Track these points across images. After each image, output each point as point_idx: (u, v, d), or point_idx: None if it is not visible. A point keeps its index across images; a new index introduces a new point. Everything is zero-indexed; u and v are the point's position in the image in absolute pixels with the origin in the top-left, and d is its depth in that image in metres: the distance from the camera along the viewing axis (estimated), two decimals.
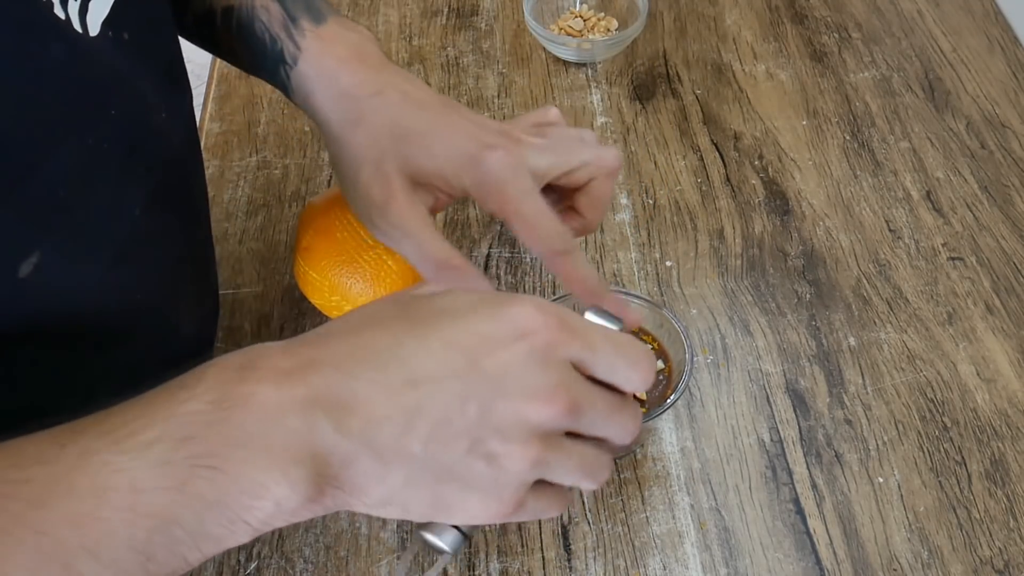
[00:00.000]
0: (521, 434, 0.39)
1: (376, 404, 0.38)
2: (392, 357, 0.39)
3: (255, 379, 0.38)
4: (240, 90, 0.89)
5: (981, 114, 0.85)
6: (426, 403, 0.38)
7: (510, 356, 0.39)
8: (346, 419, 0.38)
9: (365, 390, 0.38)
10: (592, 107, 0.87)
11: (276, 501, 0.37)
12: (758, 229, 0.77)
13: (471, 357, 0.39)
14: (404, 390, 0.38)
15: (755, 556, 0.59)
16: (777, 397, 0.67)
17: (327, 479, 0.38)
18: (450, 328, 0.40)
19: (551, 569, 0.59)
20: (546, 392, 0.39)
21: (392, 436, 0.38)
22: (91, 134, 0.45)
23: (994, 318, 0.71)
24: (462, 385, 0.39)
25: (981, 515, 0.61)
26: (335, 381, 0.38)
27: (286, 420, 0.37)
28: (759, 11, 0.96)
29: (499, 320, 0.40)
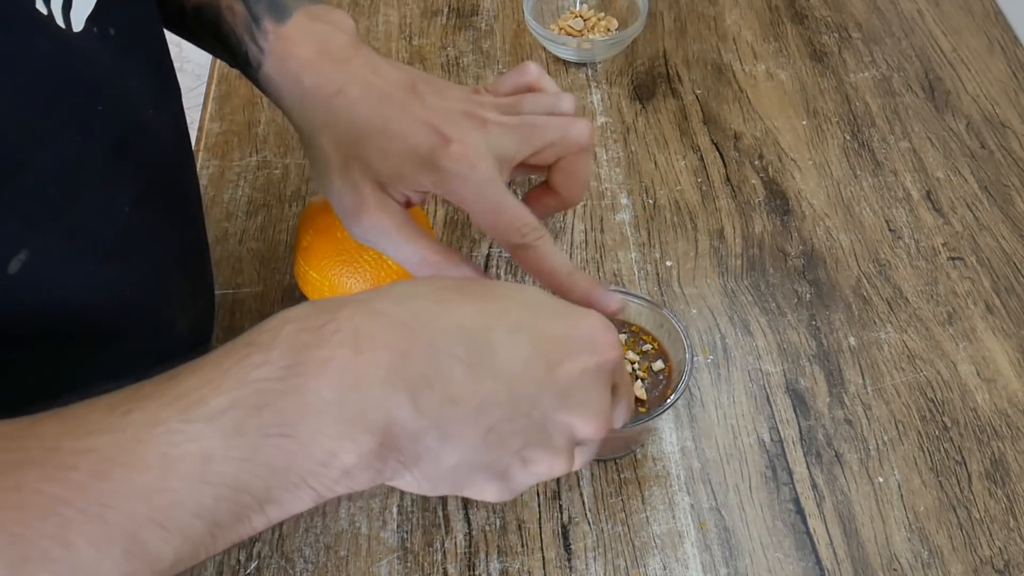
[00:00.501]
0: (563, 445, 0.41)
1: (457, 385, 0.38)
2: (484, 342, 0.39)
3: (336, 342, 0.37)
4: (240, 90, 0.89)
5: (981, 114, 0.85)
6: (503, 397, 0.39)
7: (580, 370, 0.41)
8: (424, 394, 0.37)
9: (450, 368, 0.38)
10: (592, 107, 0.87)
11: (344, 469, 0.37)
12: (758, 229, 0.77)
13: (550, 363, 0.40)
14: (487, 379, 0.39)
15: (755, 556, 0.59)
16: (777, 397, 0.67)
17: (393, 451, 0.38)
18: (535, 327, 0.41)
19: (551, 569, 0.59)
20: (599, 413, 0.42)
21: (462, 420, 0.38)
22: (79, 131, 0.45)
23: (994, 318, 0.71)
24: (537, 389, 0.40)
25: (981, 515, 0.61)
26: (422, 353, 0.38)
27: (365, 389, 0.37)
28: (759, 11, 0.96)
29: (577, 331, 0.42)
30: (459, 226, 0.77)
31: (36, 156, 0.43)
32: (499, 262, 0.75)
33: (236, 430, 0.35)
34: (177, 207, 0.59)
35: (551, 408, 0.40)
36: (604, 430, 0.42)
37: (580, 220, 0.78)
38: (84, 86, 0.45)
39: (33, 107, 0.42)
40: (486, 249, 0.76)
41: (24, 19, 0.41)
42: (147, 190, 0.52)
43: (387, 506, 0.62)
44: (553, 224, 0.77)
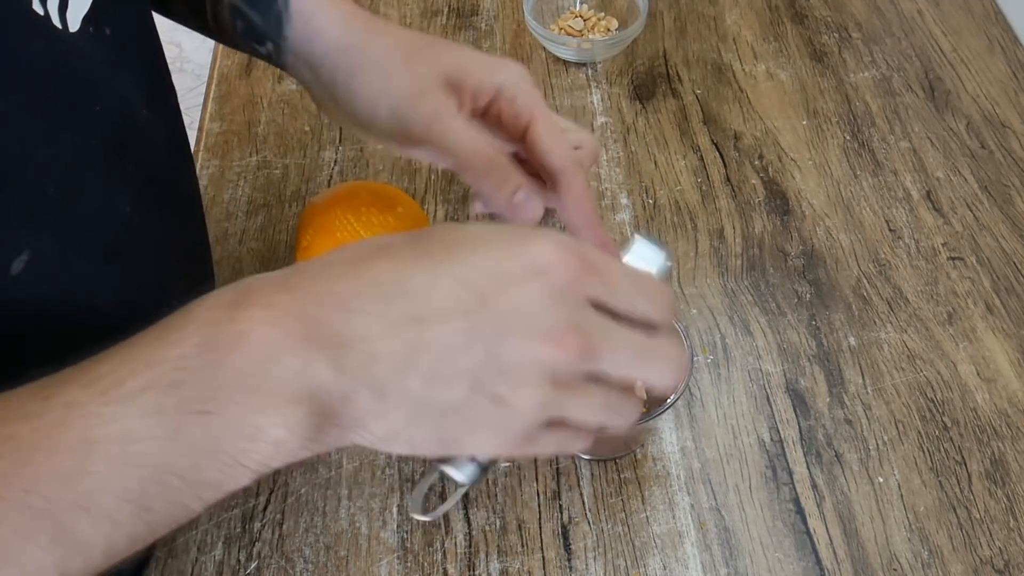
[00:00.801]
0: (530, 376, 0.38)
1: (376, 340, 0.36)
2: (398, 290, 0.37)
3: (247, 317, 0.36)
4: (240, 90, 0.89)
5: (981, 114, 0.85)
6: (429, 341, 0.37)
7: (523, 295, 0.37)
8: (344, 355, 0.36)
9: (365, 325, 0.37)
10: (592, 107, 0.87)
11: (274, 442, 0.36)
12: (758, 229, 0.77)
13: (482, 295, 0.37)
14: (408, 326, 0.37)
15: (755, 556, 0.59)
16: (777, 397, 0.67)
17: (325, 417, 0.37)
18: (462, 263, 0.38)
19: (551, 569, 0.59)
20: (558, 333, 0.37)
21: (392, 373, 0.37)
22: (77, 131, 0.45)
23: (994, 318, 0.71)
24: (469, 324, 0.37)
25: (981, 515, 0.61)
26: (334, 315, 0.37)
27: (281, 360, 0.36)
28: (759, 11, 0.96)
29: (515, 256, 0.38)
30: None
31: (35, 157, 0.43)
32: None
33: (154, 409, 0.35)
34: (177, 207, 0.59)
35: (495, 340, 0.37)
36: (574, 348, 0.37)
37: None
38: (81, 86, 0.45)
39: (31, 108, 0.42)
40: None
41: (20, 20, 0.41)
42: (147, 190, 0.52)
43: (387, 506, 0.62)
44: (553, 224, 0.77)
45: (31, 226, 0.44)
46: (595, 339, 0.38)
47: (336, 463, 0.64)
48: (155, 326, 0.38)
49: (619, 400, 0.40)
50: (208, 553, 0.60)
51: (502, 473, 0.63)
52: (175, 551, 0.60)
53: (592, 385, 0.39)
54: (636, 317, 0.40)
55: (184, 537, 0.61)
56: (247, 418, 0.36)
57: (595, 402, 0.39)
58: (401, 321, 0.37)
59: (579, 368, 0.38)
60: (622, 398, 0.40)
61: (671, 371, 0.40)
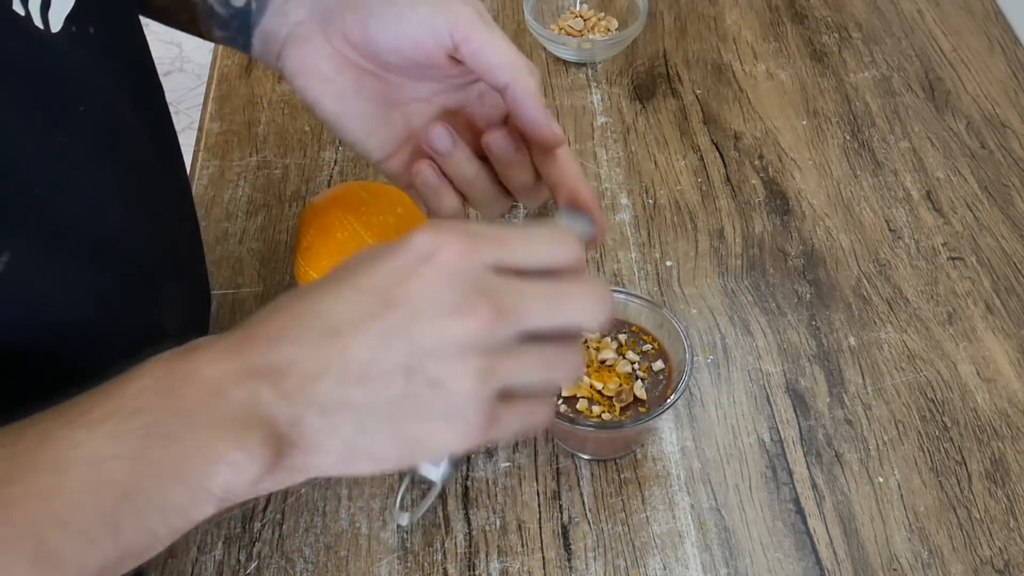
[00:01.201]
0: (455, 352, 0.39)
1: (305, 362, 0.39)
2: (311, 315, 0.40)
3: (195, 358, 0.39)
4: (240, 90, 0.89)
5: (981, 114, 0.85)
6: (351, 348, 0.39)
7: (419, 282, 0.39)
8: (282, 382, 0.38)
9: (292, 351, 0.39)
10: (592, 107, 0.87)
11: (234, 466, 0.38)
12: (758, 229, 0.77)
13: (381, 294, 0.39)
14: (327, 342, 0.39)
15: (755, 556, 0.59)
16: (777, 397, 0.67)
17: (281, 443, 0.39)
18: (358, 275, 0.40)
19: (551, 569, 0.59)
20: (464, 304, 0.39)
21: (329, 388, 0.39)
22: (62, 131, 0.45)
23: (994, 318, 0.71)
24: (380, 322, 0.39)
25: (981, 515, 0.61)
26: (265, 349, 0.39)
27: (229, 393, 0.38)
28: (759, 11, 0.96)
29: (399, 252, 0.40)
30: None
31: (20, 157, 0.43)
32: None
33: (117, 432, 0.37)
34: (167, 207, 0.59)
35: (408, 329, 0.39)
36: (485, 314, 0.39)
37: None
38: (65, 86, 0.46)
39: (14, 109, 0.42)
40: None
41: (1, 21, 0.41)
42: (136, 190, 0.52)
43: (387, 506, 0.62)
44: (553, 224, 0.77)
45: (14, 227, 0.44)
46: (505, 300, 0.39)
47: None
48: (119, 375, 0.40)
49: (556, 353, 0.41)
50: (208, 553, 0.60)
51: (502, 473, 0.63)
52: (175, 551, 0.60)
53: (524, 345, 0.40)
54: (541, 266, 0.41)
55: (184, 537, 0.60)
56: (206, 443, 0.38)
57: (532, 359, 0.40)
58: (319, 340, 0.39)
59: (500, 333, 0.39)
60: (559, 350, 0.41)
61: (593, 306, 0.41)
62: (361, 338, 0.39)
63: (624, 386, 0.63)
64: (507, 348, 0.39)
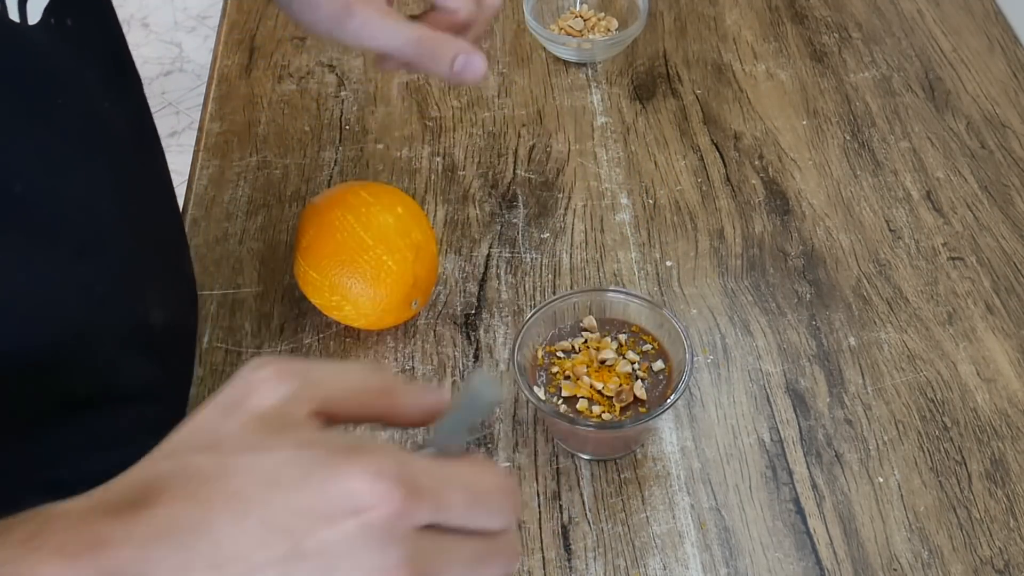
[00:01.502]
0: None
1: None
2: (199, 536, 0.33)
3: (38, 558, 0.33)
4: (240, 90, 0.89)
5: (981, 114, 0.85)
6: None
7: (339, 536, 0.33)
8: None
9: (161, 574, 0.33)
10: (592, 107, 0.87)
11: None
12: (758, 229, 0.77)
13: (293, 539, 0.33)
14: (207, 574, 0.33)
15: (755, 556, 0.59)
16: (777, 397, 0.67)
17: None
18: (271, 504, 0.33)
19: (551, 569, 0.59)
20: (386, 572, 0.33)
21: None
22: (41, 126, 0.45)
23: (994, 318, 0.71)
24: (279, 572, 0.33)
25: (981, 515, 0.61)
26: (128, 564, 0.32)
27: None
28: (759, 11, 0.96)
29: (328, 492, 0.33)
30: (459, 226, 0.77)
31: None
32: (499, 262, 0.75)
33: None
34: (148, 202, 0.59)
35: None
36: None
37: (580, 220, 0.78)
38: (43, 80, 0.45)
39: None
40: (486, 249, 0.76)
41: None
42: (116, 185, 0.52)
43: None
44: (553, 224, 0.77)
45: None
46: (430, 568, 0.35)
47: None
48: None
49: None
50: None
51: None
52: None
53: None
54: (478, 530, 0.37)
55: None
56: None
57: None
58: (200, 570, 0.33)
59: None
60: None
61: (506, 566, 0.37)
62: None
63: (624, 386, 0.63)
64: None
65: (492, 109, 0.87)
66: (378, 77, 0.90)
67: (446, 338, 0.70)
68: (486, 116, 0.86)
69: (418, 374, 0.68)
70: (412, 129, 0.85)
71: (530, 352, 0.64)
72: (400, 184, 0.81)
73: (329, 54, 0.92)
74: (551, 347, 0.65)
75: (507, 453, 0.64)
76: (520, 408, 0.66)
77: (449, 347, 0.70)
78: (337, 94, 0.88)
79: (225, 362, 0.69)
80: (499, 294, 0.73)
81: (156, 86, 2.24)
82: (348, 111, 0.87)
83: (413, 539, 0.34)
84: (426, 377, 0.68)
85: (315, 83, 0.89)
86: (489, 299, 0.73)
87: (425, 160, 0.82)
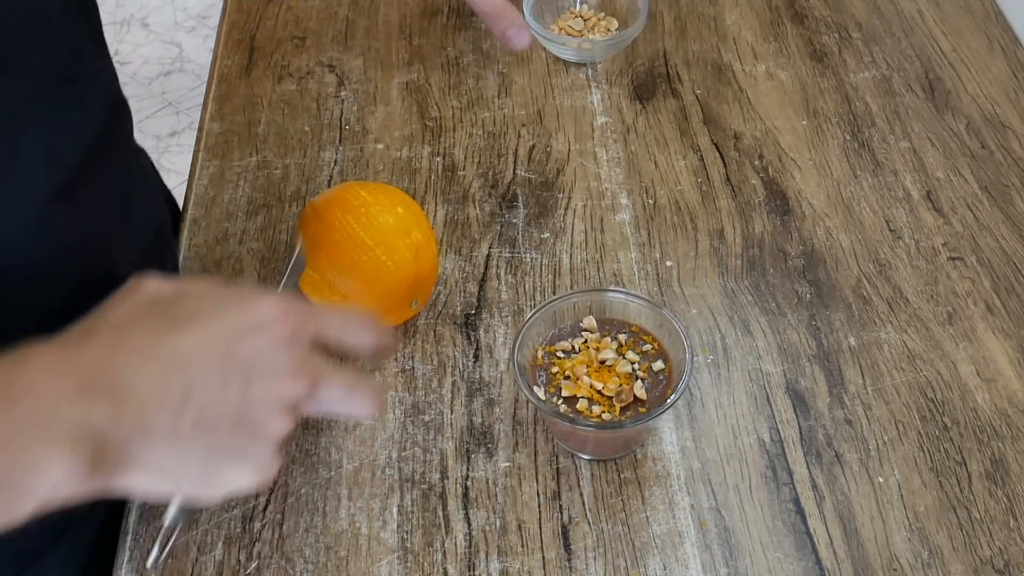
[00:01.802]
0: (279, 407, 0.46)
1: (145, 388, 0.43)
2: (157, 348, 0.44)
3: (30, 368, 0.42)
4: (240, 90, 0.89)
5: (981, 114, 0.85)
6: (193, 384, 0.44)
7: (260, 342, 0.46)
8: (120, 407, 0.42)
9: (134, 376, 0.43)
10: (592, 107, 0.87)
11: (58, 477, 0.41)
12: (758, 229, 0.77)
13: (227, 344, 0.45)
14: (171, 374, 0.44)
15: (755, 556, 0.59)
16: (777, 397, 0.67)
17: (105, 458, 0.42)
18: (206, 322, 0.45)
19: (551, 569, 0.59)
20: (293, 371, 0.46)
21: (164, 419, 0.43)
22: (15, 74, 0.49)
23: (994, 318, 0.71)
24: (223, 367, 0.45)
25: (981, 515, 0.61)
26: (106, 371, 0.43)
27: (62, 411, 0.41)
28: (759, 11, 0.96)
29: (246, 313, 0.46)
30: (459, 226, 0.77)
31: None
32: (499, 262, 0.75)
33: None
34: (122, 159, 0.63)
35: (246, 380, 0.45)
36: (306, 381, 0.46)
37: (580, 220, 0.78)
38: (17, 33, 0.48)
39: None
40: (486, 249, 0.76)
41: None
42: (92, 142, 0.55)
43: (387, 506, 0.62)
44: (553, 224, 0.77)
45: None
46: (320, 376, 0.48)
47: (336, 463, 0.64)
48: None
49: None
50: (208, 553, 0.60)
51: (502, 473, 0.63)
52: (175, 551, 0.60)
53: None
54: (348, 342, 0.51)
55: (184, 537, 0.61)
56: (35, 455, 0.41)
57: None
58: (164, 371, 0.44)
59: (307, 399, 0.47)
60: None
61: (370, 401, 0.50)
62: (205, 377, 0.44)
63: (624, 386, 0.63)
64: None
65: (492, 109, 0.87)
66: (378, 77, 0.90)
67: (446, 338, 0.70)
68: (486, 116, 0.86)
69: (418, 374, 0.68)
70: (412, 129, 0.85)
71: (530, 352, 0.64)
72: (400, 184, 0.81)
73: (329, 54, 0.92)
74: (551, 347, 0.65)
75: (507, 453, 0.64)
76: (520, 408, 0.66)
77: (449, 347, 0.70)
78: (337, 94, 0.88)
79: None
80: (499, 294, 0.73)
81: (156, 86, 2.24)
82: (348, 111, 0.87)
83: (307, 351, 0.48)
84: (426, 377, 0.68)
85: (315, 83, 0.89)
86: (489, 299, 0.73)
87: (425, 160, 0.82)
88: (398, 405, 0.67)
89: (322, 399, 0.48)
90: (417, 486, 0.63)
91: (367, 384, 0.50)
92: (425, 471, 0.63)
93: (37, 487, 0.41)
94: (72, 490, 0.42)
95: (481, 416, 0.66)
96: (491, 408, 0.66)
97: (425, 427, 0.65)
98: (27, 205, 0.52)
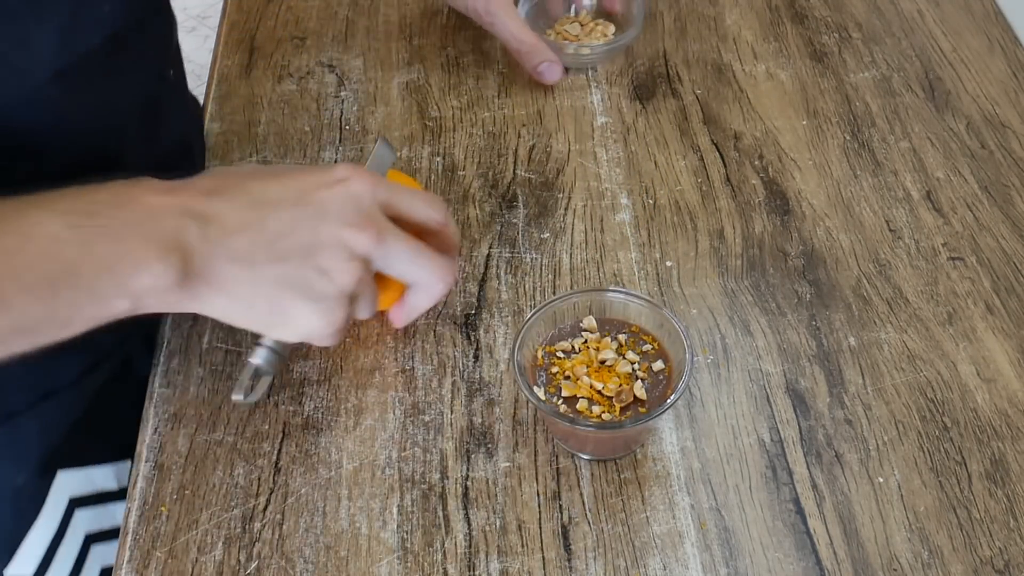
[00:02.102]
0: (343, 254, 0.53)
1: (229, 218, 0.52)
2: (241, 188, 0.53)
3: (142, 189, 0.51)
4: (240, 90, 0.89)
5: (981, 114, 0.85)
6: (268, 220, 0.52)
7: (332, 194, 0.54)
8: (207, 226, 0.51)
9: (221, 206, 0.52)
10: (592, 107, 0.87)
11: (153, 274, 0.49)
12: (758, 229, 0.77)
13: (302, 191, 0.54)
14: (252, 209, 0.52)
15: (755, 556, 0.59)
16: (777, 397, 0.67)
17: (191, 269, 0.50)
18: (288, 176, 0.55)
19: (551, 569, 0.59)
20: (359, 222, 0.53)
21: (242, 243, 0.52)
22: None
23: (994, 318, 0.71)
24: (296, 209, 0.53)
25: (981, 515, 0.61)
26: (200, 200, 0.52)
27: (163, 219, 0.50)
28: (759, 11, 0.96)
29: (324, 172, 0.55)
30: (459, 226, 0.77)
31: None
32: (499, 262, 0.75)
33: (75, 224, 0.48)
34: (150, 59, 0.69)
35: (315, 223, 0.53)
36: (371, 234, 0.53)
37: (580, 220, 0.78)
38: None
39: None
40: (486, 249, 0.76)
41: None
42: (120, 29, 0.60)
43: (387, 506, 0.62)
44: (553, 224, 0.77)
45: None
46: (385, 232, 0.55)
47: (336, 463, 0.64)
48: (80, 185, 0.51)
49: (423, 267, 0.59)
50: (208, 553, 0.60)
51: (502, 473, 0.63)
52: (175, 551, 0.60)
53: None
54: (416, 216, 0.58)
55: (184, 537, 0.61)
56: (137, 250, 0.49)
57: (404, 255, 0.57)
58: (245, 206, 0.52)
59: (374, 253, 0.54)
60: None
61: (438, 277, 0.58)
62: (279, 215, 0.53)
63: (624, 386, 0.63)
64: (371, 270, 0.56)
65: (492, 109, 0.87)
66: (378, 77, 0.90)
67: (446, 338, 0.70)
68: (486, 116, 0.86)
69: (418, 374, 0.68)
70: (412, 129, 0.85)
71: (530, 352, 0.64)
72: None
73: (329, 54, 0.92)
74: (551, 347, 0.65)
75: (507, 453, 0.64)
76: (520, 408, 0.66)
77: (449, 347, 0.70)
78: (337, 94, 0.88)
79: (225, 362, 0.69)
80: (499, 294, 0.73)
81: None
82: (348, 111, 0.87)
83: (377, 210, 0.55)
84: (426, 377, 0.68)
85: (315, 83, 0.89)
86: (489, 299, 0.73)
87: (425, 160, 0.82)
88: (398, 405, 0.67)
89: (388, 256, 0.54)
90: (417, 486, 0.63)
91: (437, 256, 0.56)
92: (425, 471, 0.63)
93: (133, 284, 0.49)
94: (158, 299, 0.50)
95: (481, 416, 0.66)
96: (491, 408, 0.66)
97: (425, 427, 0.65)
98: (35, 72, 0.55)
